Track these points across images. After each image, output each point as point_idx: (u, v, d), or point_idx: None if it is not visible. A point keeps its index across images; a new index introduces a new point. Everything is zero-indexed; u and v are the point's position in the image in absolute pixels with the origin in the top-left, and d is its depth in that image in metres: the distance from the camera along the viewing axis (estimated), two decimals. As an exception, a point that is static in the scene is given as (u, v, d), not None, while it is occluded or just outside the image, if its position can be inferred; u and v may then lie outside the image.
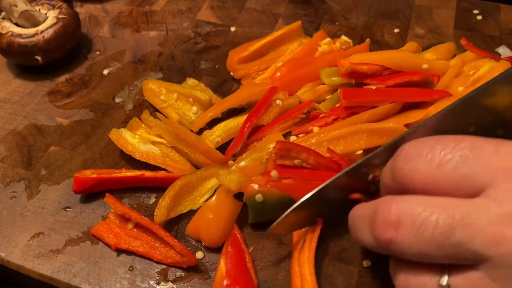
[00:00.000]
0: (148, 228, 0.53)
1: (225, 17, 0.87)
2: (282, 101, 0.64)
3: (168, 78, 0.75)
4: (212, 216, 0.54)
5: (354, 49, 0.72)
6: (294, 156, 0.55)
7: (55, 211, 0.59)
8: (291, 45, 0.75)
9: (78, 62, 0.79)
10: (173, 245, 0.52)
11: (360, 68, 0.64)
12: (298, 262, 0.51)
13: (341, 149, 0.58)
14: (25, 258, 0.54)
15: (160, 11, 0.89)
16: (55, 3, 0.78)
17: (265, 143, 0.60)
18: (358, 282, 0.52)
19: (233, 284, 0.49)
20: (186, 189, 0.57)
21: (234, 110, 0.66)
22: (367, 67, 0.65)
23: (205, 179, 0.58)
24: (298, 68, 0.69)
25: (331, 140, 0.59)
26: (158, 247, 0.53)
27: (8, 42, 0.72)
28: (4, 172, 0.63)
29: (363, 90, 0.63)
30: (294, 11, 0.87)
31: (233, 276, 0.50)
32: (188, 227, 0.55)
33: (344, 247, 0.55)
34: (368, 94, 0.62)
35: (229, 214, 0.55)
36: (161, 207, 0.55)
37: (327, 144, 0.58)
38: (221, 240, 0.54)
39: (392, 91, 0.62)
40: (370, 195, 0.49)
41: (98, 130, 0.68)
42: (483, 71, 0.67)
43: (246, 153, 0.59)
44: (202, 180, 0.58)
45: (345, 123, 0.60)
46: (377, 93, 0.62)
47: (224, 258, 0.52)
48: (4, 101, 0.73)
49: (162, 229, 0.53)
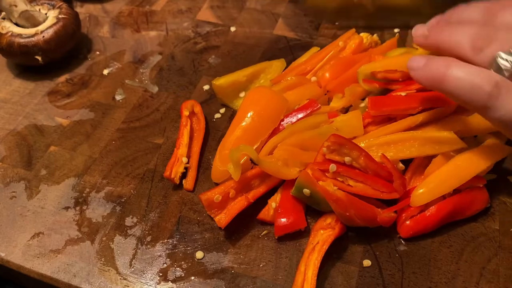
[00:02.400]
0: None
1: (225, 17, 0.87)
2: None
3: (168, 78, 0.75)
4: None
5: (385, 46, 0.71)
6: (346, 153, 0.53)
7: (55, 211, 0.59)
8: (326, 49, 0.71)
9: (78, 62, 0.79)
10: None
11: (393, 76, 0.61)
12: (306, 262, 0.51)
13: (391, 155, 0.55)
14: (25, 258, 0.54)
15: (160, 11, 0.89)
16: (55, 3, 0.78)
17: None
18: (358, 282, 0.52)
19: (285, 212, 0.53)
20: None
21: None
22: (399, 74, 0.61)
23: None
24: (343, 67, 0.66)
25: (382, 144, 0.56)
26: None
27: (8, 42, 0.72)
28: (4, 172, 0.63)
29: (392, 98, 0.59)
30: (294, 11, 0.87)
31: (286, 206, 0.54)
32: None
33: (344, 247, 0.55)
34: (397, 102, 0.58)
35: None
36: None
37: (376, 148, 0.56)
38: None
39: (423, 96, 0.58)
40: None
41: (98, 130, 0.68)
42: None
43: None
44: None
45: (396, 127, 0.57)
46: (407, 100, 0.58)
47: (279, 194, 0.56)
48: (4, 101, 0.73)
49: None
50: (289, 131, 0.59)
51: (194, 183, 0.61)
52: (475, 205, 0.56)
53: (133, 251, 0.55)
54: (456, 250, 0.54)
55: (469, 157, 0.55)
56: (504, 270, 0.52)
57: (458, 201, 0.54)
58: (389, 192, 0.53)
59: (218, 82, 0.69)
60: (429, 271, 0.52)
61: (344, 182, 0.54)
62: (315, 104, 0.62)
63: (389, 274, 0.52)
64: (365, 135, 0.59)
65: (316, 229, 0.54)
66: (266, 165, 0.54)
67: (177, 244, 0.55)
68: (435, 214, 0.54)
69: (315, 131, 0.58)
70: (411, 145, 0.56)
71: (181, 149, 0.63)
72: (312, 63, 0.69)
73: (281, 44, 0.80)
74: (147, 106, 0.71)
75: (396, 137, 0.56)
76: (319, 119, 0.60)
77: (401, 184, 0.53)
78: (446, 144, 0.55)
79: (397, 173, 0.53)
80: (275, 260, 0.54)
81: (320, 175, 0.54)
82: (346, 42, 0.71)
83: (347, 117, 0.59)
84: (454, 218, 0.55)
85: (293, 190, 0.55)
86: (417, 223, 0.54)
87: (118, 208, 0.59)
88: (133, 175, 0.62)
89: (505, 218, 0.57)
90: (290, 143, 0.58)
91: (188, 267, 0.53)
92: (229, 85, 0.69)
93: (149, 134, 0.67)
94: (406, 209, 0.55)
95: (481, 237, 0.55)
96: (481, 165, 0.54)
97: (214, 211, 0.55)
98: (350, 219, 0.53)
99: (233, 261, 0.54)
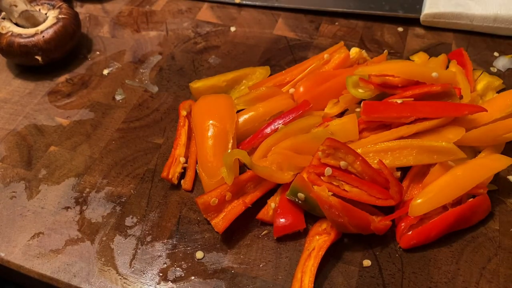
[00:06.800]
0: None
1: (225, 17, 0.87)
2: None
3: (168, 78, 0.75)
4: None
5: (373, 61, 0.70)
6: (341, 157, 0.53)
7: (55, 211, 0.59)
8: (310, 61, 0.71)
9: (78, 62, 0.79)
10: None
11: (392, 81, 0.61)
12: (302, 269, 0.51)
13: (387, 162, 0.55)
14: (25, 258, 0.54)
15: (160, 11, 0.89)
16: (55, 3, 0.78)
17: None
18: (358, 282, 0.52)
19: (284, 213, 0.54)
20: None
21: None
22: (398, 79, 0.61)
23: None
24: (321, 82, 0.65)
25: (379, 151, 0.56)
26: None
27: (8, 42, 0.72)
28: (4, 172, 0.63)
29: (386, 105, 0.59)
30: (294, 11, 0.87)
31: (285, 207, 0.54)
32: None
33: (344, 247, 0.55)
34: (391, 109, 0.58)
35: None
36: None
37: (373, 155, 0.56)
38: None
39: (418, 105, 0.58)
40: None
41: (98, 130, 0.68)
42: (480, 88, 0.67)
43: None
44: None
45: (389, 136, 0.57)
46: (401, 108, 0.57)
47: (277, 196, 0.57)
48: (4, 101, 0.73)
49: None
50: (283, 133, 0.59)
51: (192, 183, 0.61)
52: (477, 216, 0.56)
53: (133, 251, 0.55)
54: (456, 250, 0.54)
55: (468, 168, 0.54)
56: (504, 270, 0.52)
57: (459, 213, 0.54)
58: (385, 198, 0.53)
59: (196, 85, 0.69)
60: (429, 271, 0.52)
61: (339, 187, 0.53)
62: (307, 104, 0.62)
63: (389, 274, 0.52)
64: (362, 141, 0.58)
65: (311, 234, 0.54)
66: (259, 170, 0.54)
67: (177, 244, 0.55)
68: (437, 226, 0.54)
69: (309, 135, 0.58)
70: (409, 153, 0.55)
71: (178, 149, 0.63)
72: (292, 74, 0.69)
73: (281, 44, 0.80)
74: (147, 106, 0.71)
75: (393, 145, 0.56)
76: (313, 120, 0.60)
77: (397, 191, 0.53)
78: (444, 154, 0.54)
79: (394, 180, 0.52)
80: (275, 260, 0.54)
81: (316, 179, 0.54)
82: (332, 56, 0.70)
83: (342, 121, 0.59)
84: (455, 229, 0.55)
85: (288, 193, 0.55)
86: (419, 235, 0.54)
87: (118, 208, 0.59)
88: (133, 175, 0.62)
89: (505, 218, 0.57)
90: (285, 147, 0.57)
91: (188, 267, 0.53)
92: (207, 89, 0.69)
93: (149, 134, 0.67)
94: (404, 218, 0.54)
95: (481, 237, 0.55)
96: (480, 176, 0.54)
97: (210, 214, 0.55)
98: (343, 226, 0.52)
99: (233, 261, 0.54)
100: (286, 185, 0.57)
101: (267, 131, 0.61)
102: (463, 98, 0.62)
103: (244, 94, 0.66)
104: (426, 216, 0.54)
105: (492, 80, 0.68)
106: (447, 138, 0.55)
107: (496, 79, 0.69)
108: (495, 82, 0.68)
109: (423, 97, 0.60)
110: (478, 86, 0.67)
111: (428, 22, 0.81)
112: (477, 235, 0.55)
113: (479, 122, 0.58)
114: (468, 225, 0.55)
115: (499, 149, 0.59)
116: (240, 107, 0.65)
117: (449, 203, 0.54)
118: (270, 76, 0.71)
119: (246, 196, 0.56)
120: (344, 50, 0.70)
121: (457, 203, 0.55)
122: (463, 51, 0.71)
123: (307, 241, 0.54)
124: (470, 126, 0.58)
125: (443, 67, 0.70)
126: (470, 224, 0.55)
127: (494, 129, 0.57)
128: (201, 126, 0.61)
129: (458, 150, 0.54)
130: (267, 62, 0.77)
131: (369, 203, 0.53)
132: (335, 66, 0.69)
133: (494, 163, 0.55)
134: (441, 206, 0.54)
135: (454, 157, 0.54)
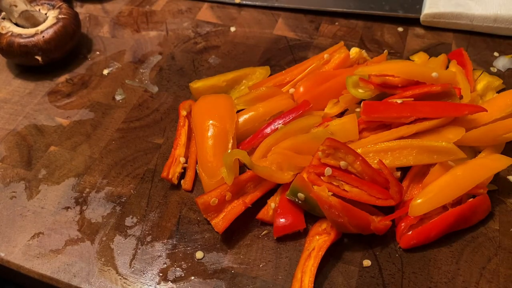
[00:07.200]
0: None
1: (225, 17, 0.87)
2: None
3: (168, 78, 0.75)
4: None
5: (373, 61, 0.70)
6: (341, 157, 0.53)
7: (55, 211, 0.59)
8: (310, 61, 0.71)
9: (78, 62, 0.79)
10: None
11: (392, 81, 0.61)
12: (302, 269, 0.51)
13: (387, 162, 0.55)
14: (25, 258, 0.54)
15: (160, 11, 0.89)
16: (55, 3, 0.78)
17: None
18: (358, 282, 0.52)
19: (284, 213, 0.53)
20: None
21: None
22: (398, 79, 0.61)
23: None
24: (321, 82, 0.65)
25: (379, 151, 0.56)
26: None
27: (8, 42, 0.72)
28: (4, 172, 0.63)
29: (386, 105, 0.59)
30: (294, 11, 0.87)
31: (285, 207, 0.54)
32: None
33: (344, 247, 0.55)
34: (391, 109, 0.58)
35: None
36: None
37: (373, 155, 0.56)
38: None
39: (418, 105, 0.58)
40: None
41: (98, 130, 0.68)
42: (480, 88, 0.67)
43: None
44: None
45: (389, 136, 0.57)
46: (401, 108, 0.57)
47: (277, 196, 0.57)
48: (4, 101, 0.73)
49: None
50: (283, 132, 0.59)
51: (192, 183, 0.61)
52: (477, 216, 0.56)
53: (133, 251, 0.55)
54: (456, 250, 0.54)
55: (468, 168, 0.54)
56: (504, 270, 0.52)
57: (459, 213, 0.54)
58: (385, 198, 0.53)
59: (196, 85, 0.69)
60: (429, 271, 0.52)
61: (339, 187, 0.53)
62: (307, 104, 0.62)
63: (389, 274, 0.52)
64: (362, 141, 0.58)
65: (311, 234, 0.54)
66: (259, 170, 0.54)
67: (177, 244, 0.55)
68: (437, 226, 0.54)
69: (309, 135, 0.58)
70: (409, 153, 0.55)
71: (178, 149, 0.63)
72: (292, 74, 0.69)
73: (281, 44, 0.80)
74: (147, 106, 0.71)
75: (393, 145, 0.56)
76: (313, 120, 0.60)
77: (397, 191, 0.53)
78: (444, 154, 0.54)
79: (394, 180, 0.52)
80: (275, 260, 0.54)
81: (316, 179, 0.54)
82: (332, 56, 0.70)
83: (342, 121, 0.59)
84: (455, 229, 0.55)
85: (288, 193, 0.55)
86: (418, 235, 0.54)
87: (118, 208, 0.59)
88: (133, 175, 0.62)
89: (505, 218, 0.57)
90: (285, 147, 0.57)
91: (188, 267, 0.53)
92: (207, 89, 0.69)
93: (149, 134, 0.67)
94: (404, 218, 0.54)
95: (481, 237, 0.55)
96: (480, 176, 0.54)
97: (210, 214, 0.55)
98: (343, 226, 0.52)
99: (233, 261, 0.54)
100: (286, 185, 0.57)
101: (267, 131, 0.61)
102: (463, 98, 0.62)
103: (244, 94, 0.66)
104: (426, 216, 0.54)
105: (492, 80, 0.68)
106: (447, 138, 0.55)
107: (496, 79, 0.69)
108: (495, 82, 0.68)
109: (423, 97, 0.60)
110: (478, 86, 0.67)
111: (428, 22, 0.81)
112: (477, 235, 0.55)
113: (479, 122, 0.58)
114: (468, 225, 0.55)
115: (499, 149, 0.59)
116: (240, 107, 0.65)
117: (449, 203, 0.54)
118: (270, 76, 0.71)
119: (246, 196, 0.56)
120: (344, 50, 0.70)
121: (457, 203, 0.55)
122: (463, 51, 0.71)
123: (307, 241, 0.54)
124: (470, 126, 0.58)
125: (443, 67, 0.69)
126: (470, 224, 0.55)
127: (494, 129, 0.57)
128: (201, 126, 0.61)
129: (458, 150, 0.54)
130: (267, 62, 0.77)
131: (369, 203, 0.53)
132: (335, 66, 0.69)
133: (494, 163, 0.55)
134: (441, 206, 0.54)
135: (454, 157, 0.54)
